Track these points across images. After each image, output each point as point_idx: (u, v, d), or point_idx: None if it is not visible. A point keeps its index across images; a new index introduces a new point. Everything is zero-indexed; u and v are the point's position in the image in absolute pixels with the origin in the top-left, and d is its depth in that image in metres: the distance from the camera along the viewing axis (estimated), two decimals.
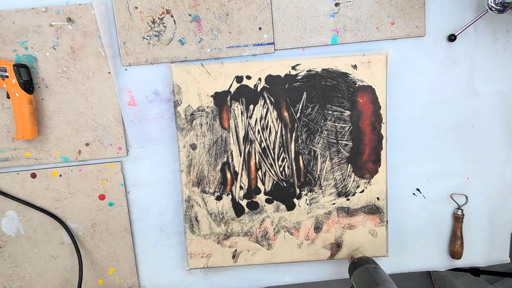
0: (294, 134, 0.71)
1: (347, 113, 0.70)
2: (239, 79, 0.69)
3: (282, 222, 0.73)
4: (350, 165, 0.72)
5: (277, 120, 0.70)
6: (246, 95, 0.69)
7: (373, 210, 0.73)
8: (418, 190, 0.77)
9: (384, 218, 0.73)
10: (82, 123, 0.71)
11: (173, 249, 0.77)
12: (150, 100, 0.71)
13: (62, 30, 0.67)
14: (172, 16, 0.68)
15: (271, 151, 0.71)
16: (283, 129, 0.71)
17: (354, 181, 0.72)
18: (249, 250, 0.74)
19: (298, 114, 0.70)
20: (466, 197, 0.77)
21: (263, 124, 0.70)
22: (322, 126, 0.71)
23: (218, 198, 0.72)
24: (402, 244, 0.78)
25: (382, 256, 0.75)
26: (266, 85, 0.69)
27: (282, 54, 0.71)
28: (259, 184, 0.72)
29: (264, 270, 0.78)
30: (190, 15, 0.68)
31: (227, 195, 0.72)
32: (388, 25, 0.70)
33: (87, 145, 0.72)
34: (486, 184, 0.77)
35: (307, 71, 0.69)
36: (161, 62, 0.70)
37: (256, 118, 0.70)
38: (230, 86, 0.69)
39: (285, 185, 0.72)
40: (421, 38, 0.71)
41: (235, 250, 0.74)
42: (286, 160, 0.71)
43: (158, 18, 0.68)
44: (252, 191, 0.72)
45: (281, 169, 0.72)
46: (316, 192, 0.73)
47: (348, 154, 0.71)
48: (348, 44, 0.71)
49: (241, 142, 0.71)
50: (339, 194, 0.73)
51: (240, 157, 0.71)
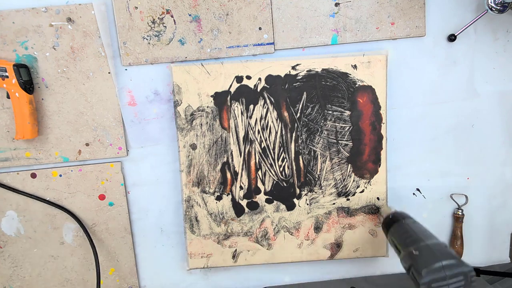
0: (294, 134, 0.71)
1: (347, 113, 0.70)
2: (239, 79, 0.69)
3: (282, 222, 0.73)
4: (350, 165, 0.72)
5: (277, 120, 0.70)
6: (246, 95, 0.69)
7: (373, 210, 0.73)
8: (418, 190, 0.77)
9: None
10: (82, 123, 0.71)
11: (173, 249, 0.77)
12: (150, 100, 0.71)
13: (62, 30, 0.67)
14: (172, 16, 0.68)
15: (271, 151, 0.71)
16: (283, 129, 0.71)
17: (354, 181, 0.72)
18: (249, 250, 0.74)
19: (298, 114, 0.70)
20: (466, 197, 0.77)
21: (263, 124, 0.70)
22: (322, 126, 0.71)
23: (218, 198, 0.72)
24: None
25: (382, 256, 0.75)
26: (266, 85, 0.69)
27: (282, 54, 0.71)
28: (259, 184, 0.72)
29: (264, 270, 0.78)
30: (190, 15, 0.68)
31: (227, 195, 0.72)
32: (388, 25, 0.70)
33: (87, 145, 0.72)
34: (486, 184, 0.77)
35: (307, 71, 0.69)
36: (161, 62, 0.70)
37: (256, 118, 0.70)
38: (230, 86, 0.69)
39: (285, 185, 0.72)
40: (421, 38, 0.71)
41: (235, 250, 0.74)
42: (286, 160, 0.71)
43: (158, 18, 0.68)
44: (252, 191, 0.72)
45: (281, 169, 0.72)
46: (316, 192, 0.73)
47: (348, 154, 0.71)
48: (348, 44, 0.71)
49: (241, 142, 0.71)
50: (339, 194, 0.73)
51: (240, 157, 0.71)
